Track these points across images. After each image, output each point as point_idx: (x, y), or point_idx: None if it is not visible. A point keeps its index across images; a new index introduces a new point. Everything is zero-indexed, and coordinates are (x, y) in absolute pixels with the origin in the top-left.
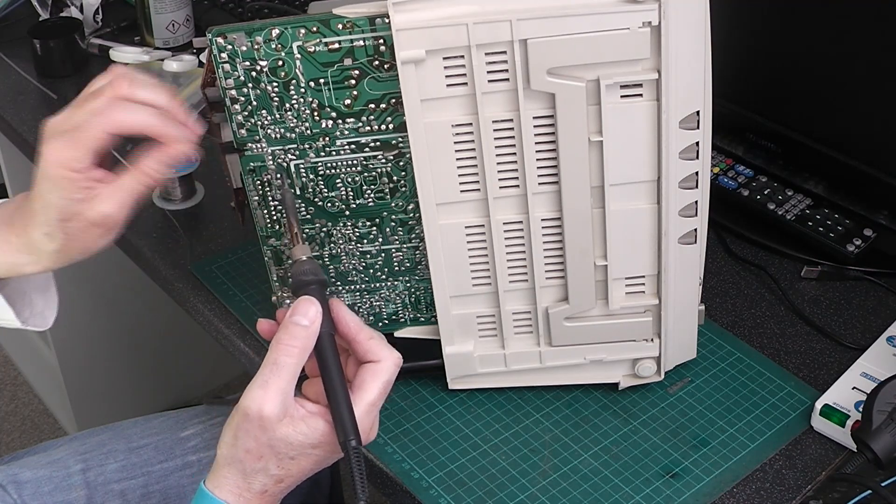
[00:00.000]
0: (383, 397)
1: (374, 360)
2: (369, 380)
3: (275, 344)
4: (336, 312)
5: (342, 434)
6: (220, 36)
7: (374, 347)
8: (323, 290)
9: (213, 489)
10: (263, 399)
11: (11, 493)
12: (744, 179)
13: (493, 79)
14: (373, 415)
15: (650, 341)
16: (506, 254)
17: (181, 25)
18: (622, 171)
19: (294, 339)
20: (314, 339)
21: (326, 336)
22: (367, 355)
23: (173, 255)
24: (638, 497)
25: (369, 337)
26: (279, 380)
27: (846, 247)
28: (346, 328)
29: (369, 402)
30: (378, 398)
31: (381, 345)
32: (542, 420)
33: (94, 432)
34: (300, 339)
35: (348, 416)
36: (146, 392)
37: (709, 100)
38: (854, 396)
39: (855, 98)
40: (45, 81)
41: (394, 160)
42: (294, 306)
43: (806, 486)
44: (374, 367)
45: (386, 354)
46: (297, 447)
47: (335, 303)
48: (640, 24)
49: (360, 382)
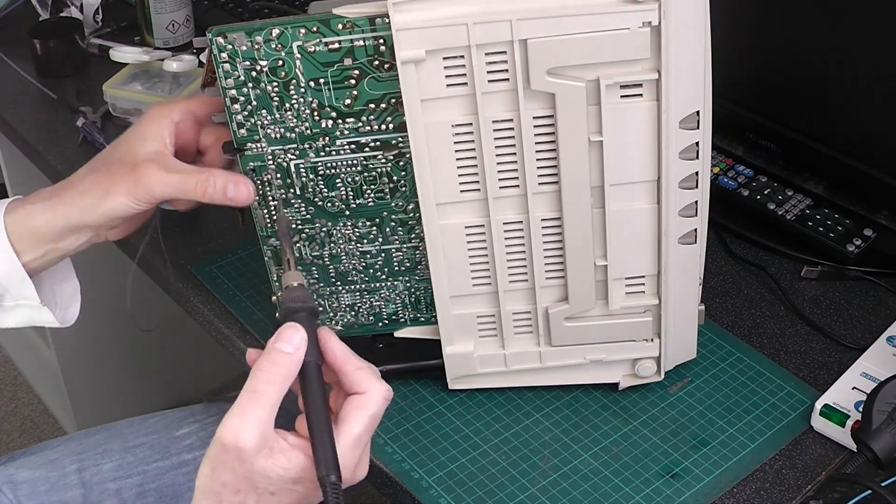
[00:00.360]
0: (370, 432)
1: (360, 392)
2: (353, 413)
3: (255, 371)
4: (324, 342)
5: (321, 469)
6: (220, 36)
7: (360, 379)
8: (312, 319)
9: None
10: (240, 429)
11: (7, 494)
12: (744, 179)
13: (493, 79)
14: (358, 450)
15: (650, 341)
16: (506, 254)
17: (181, 25)
18: (622, 171)
19: (275, 365)
20: (297, 367)
21: (312, 366)
22: (353, 387)
23: (173, 255)
24: (638, 497)
25: (356, 368)
26: (257, 408)
27: (846, 247)
28: (333, 357)
29: (353, 437)
30: (363, 432)
31: (368, 376)
32: (542, 420)
33: (90, 432)
34: (282, 366)
35: (329, 451)
36: (146, 392)
37: (709, 100)
38: (854, 396)
39: (855, 98)
40: (45, 81)
41: (394, 160)
42: (278, 333)
43: (806, 486)
44: (359, 400)
45: (373, 387)
46: (276, 482)
47: (324, 331)
48: (640, 24)
49: (345, 415)
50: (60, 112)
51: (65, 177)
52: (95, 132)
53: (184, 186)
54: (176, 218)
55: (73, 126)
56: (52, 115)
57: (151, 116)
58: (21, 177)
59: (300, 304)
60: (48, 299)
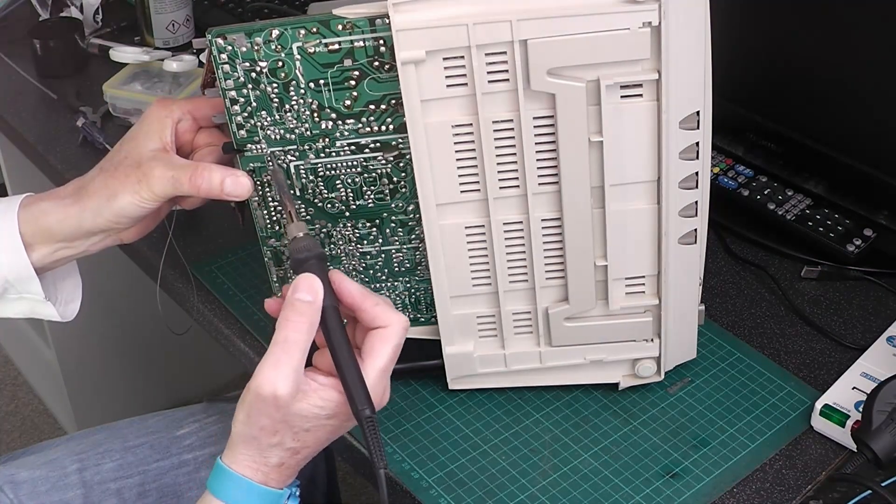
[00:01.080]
0: (394, 361)
1: (383, 326)
2: (379, 346)
3: (282, 321)
4: (338, 284)
5: (355, 405)
6: (220, 36)
7: (381, 314)
8: (322, 264)
9: (231, 464)
10: (276, 378)
11: (8, 494)
12: (744, 179)
13: (494, 79)
14: (384, 380)
15: (650, 341)
16: (506, 254)
17: (181, 25)
18: (622, 172)
19: (301, 315)
20: (319, 312)
21: (330, 309)
22: (374, 321)
23: (173, 255)
24: (638, 497)
25: (375, 303)
26: (291, 358)
27: (846, 247)
28: (351, 298)
29: (380, 368)
30: (389, 363)
31: (387, 310)
32: (542, 420)
33: (91, 432)
34: (307, 314)
35: (360, 387)
36: (146, 392)
37: (709, 100)
38: (854, 396)
39: (855, 98)
40: (45, 81)
41: (394, 161)
42: (295, 283)
43: (806, 486)
44: (382, 333)
45: (394, 319)
46: (311, 419)
47: (336, 274)
48: (640, 24)
49: (370, 349)
50: (60, 112)
51: (65, 177)
52: (95, 132)
53: (177, 182)
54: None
55: (73, 126)
56: (52, 115)
57: (154, 114)
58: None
59: (307, 252)
60: (50, 294)
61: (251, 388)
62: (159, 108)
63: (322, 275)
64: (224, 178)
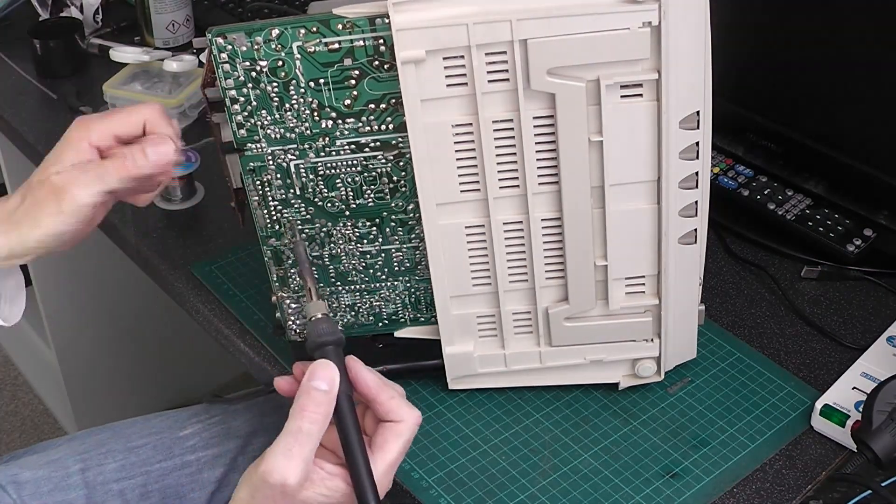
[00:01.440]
0: (403, 456)
1: (396, 421)
2: (391, 440)
3: (298, 411)
4: (354, 372)
5: (364, 499)
6: (220, 36)
7: (395, 408)
8: (340, 350)
9: None
10: (287, 468)
11: (11, 494)
12: (744, 179)
13: (493, 79)
14: (392, 474)
15: (650, 341)
16: (506, 254)
17: (181, 25)
18: (622, 172)
19: (317, 405)
20: (334, 403)
21: (344, 398)
22: (388, 415)
23: (173, 255)
24: (638, 497)
25: (390, 397)
26: (303, 448)
27: (846, 247)
28: (367, 388)
29: (389, 462)
30: (398, 458)
31: (402, 404)
32: (542, 420)
33: (93, 432)
34: (322, 405)
35: (368, 481)
36: (146, 392)
37: (709, 100)
38: (854, 396)
39: (855, 98)
40: (45, 81)
41: (394, 160)
42: (312, 370)
43: (806, 486)
44: (396, 428)
45: (407, 415)
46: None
47: (352, 361)
48: (640, 24)
49: (382, 443)
50: (60, 112)
51: None
52: None
53: (103, 176)
54: (176, 218)
55: None
56: (52, 115)
57: (68, 138)
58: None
59: (328, 336)
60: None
61: (259, 472)
62: (77, 128)
63: (339, 362)
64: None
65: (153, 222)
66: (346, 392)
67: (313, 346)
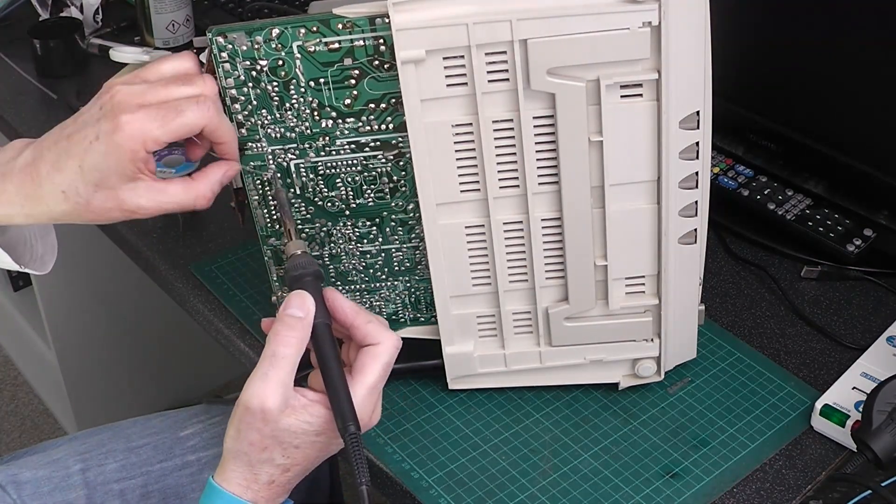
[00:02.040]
0: (383, 379)
1: (374, 343)
2: (369, 363)
3: (272, 336)
4: (332, 301)
5: (340, 421)
6: (220, 36)
7: (372, 331)
8: (317, 282)
9: (221, 482)
10: (264, 392)
11: (11, 494)
12: (744, 179)
13: (493, 79)
14: (373, 398)
15: (650, 341)
16: (506, 254)
17: (181, 25)
18: (622, 171)
19: (291, 329)
20: (310, 329)
21: (322, 326)
22: (366, 339)
23: (173, 255)
24: (638, 497)
25: (367, 321)
26: (279, 371)
27: (846, 247)
28: (344, 315)
29: (369, 385)
30: (378, 380)
31: (379, 328)
32: (542, 420)
33: (94, 432)
34: (297, 329)
35: (346, 403)
36: (146, 392)
37: (709, 100)
38: (854, 396)
39: (855, 98)
40: (45, 81)
41: (394, 160)
42: (287, 299)
43: (806, 486)
44: (373, 350)
45: (385, 336)
46: (300, 435)
47: (330, 291)
48: (640, 24)
49: (360, 366)
50: (60, 112)
51: None
52: None
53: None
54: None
55: None
56: (52, 115)
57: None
58: None
59: (303, 269)
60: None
61: (240, 403)
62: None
63: (316, 292)
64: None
65: (153, 222)
66: (324, 321)
67: (291, 280)
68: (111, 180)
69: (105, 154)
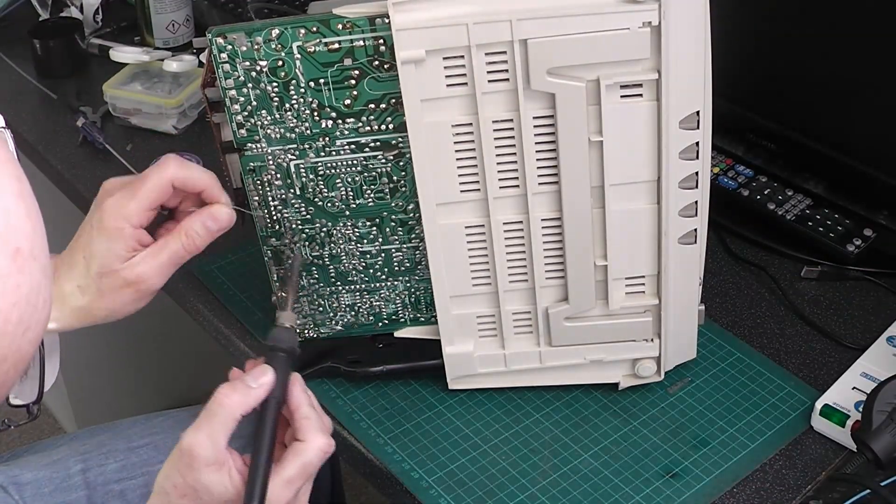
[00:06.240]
0: (302, 479)
1: (300, 440)
2: (290, 457)
3: (218, 391)
4: (290, 386)
5: (247, 498)
6: (220, 36)
7: (303, 427)
8: (289, 362)
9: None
10: (196, 439)
11: (13, 495)
12: (744, 179)
13: (493, 79)
14: (288, 493)
15: (650, 341)
16: (506, 254)
17: (181, 25)
18: (622, 171)
19: (234, 391)
20: (255, 401)
21: (271, 403)
22: (297, 433)
23: None
24: (638, 497)
25: (303, 416)
26: (209, 425)
27: (846, 247)
28: (290, 403)
29: (284, 478)
30: (295, 476)
31: (310, 427)
32: (542, 420)
33: (94, 432)
34: (239, 393)
35: (260, 485)
36: (146, 392)
37: (709, 100)
38: (854, 396)
39: (855, 98)
40: (45, 81)
41: (394, 160)
42: (252, 368)
43: (806, 486)
44: (298, 446)
45: (312, 437)
46: (215, 497)
47: (295, 377)
48: (640, 24)
49: (283, 457)
50: (60, 112)
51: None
52: (95, 132)
53: (175, 258)
54: None
55: (73, 126)
56: (52, 115)
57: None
58: None
59: (280, 344)
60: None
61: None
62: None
63: (283, 371)
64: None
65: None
66: (276, 399)
67: (266, 349)
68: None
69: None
